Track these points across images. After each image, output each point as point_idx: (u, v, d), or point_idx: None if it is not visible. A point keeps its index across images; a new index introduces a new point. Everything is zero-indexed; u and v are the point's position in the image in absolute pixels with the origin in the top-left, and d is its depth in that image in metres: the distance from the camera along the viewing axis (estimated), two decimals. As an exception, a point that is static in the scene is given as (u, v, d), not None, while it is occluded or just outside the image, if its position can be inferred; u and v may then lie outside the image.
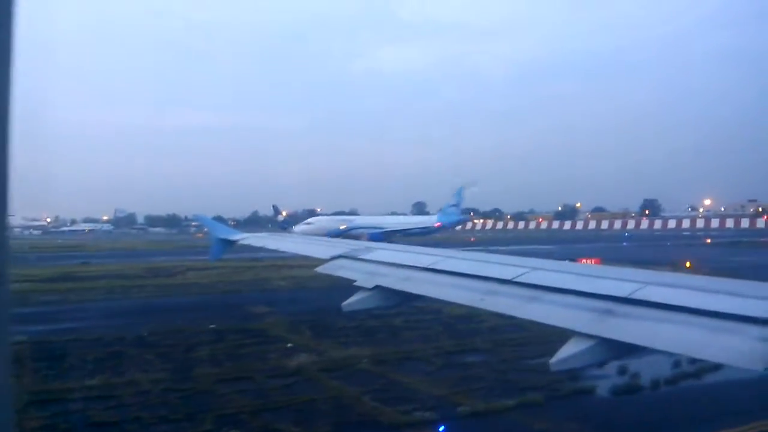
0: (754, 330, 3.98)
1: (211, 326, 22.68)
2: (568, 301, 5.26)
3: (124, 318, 24.88)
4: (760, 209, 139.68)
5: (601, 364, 5.15)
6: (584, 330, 4.78)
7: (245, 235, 15.54)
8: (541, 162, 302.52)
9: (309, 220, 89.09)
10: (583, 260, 31.71)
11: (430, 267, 6.96)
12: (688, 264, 35.22)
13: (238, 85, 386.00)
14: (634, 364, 15.69)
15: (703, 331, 4.33)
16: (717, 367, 14.42)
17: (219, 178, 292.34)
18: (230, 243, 15.15)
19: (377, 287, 6.92)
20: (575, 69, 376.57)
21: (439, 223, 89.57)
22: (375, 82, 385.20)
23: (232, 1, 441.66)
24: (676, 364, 15.75)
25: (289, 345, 19.80)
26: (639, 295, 4.90)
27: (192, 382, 15.83)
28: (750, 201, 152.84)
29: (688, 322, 4.45)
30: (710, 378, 15.36)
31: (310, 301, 28.34)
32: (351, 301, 7.02)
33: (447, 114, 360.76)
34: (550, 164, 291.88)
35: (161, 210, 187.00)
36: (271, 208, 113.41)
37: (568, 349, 4.73)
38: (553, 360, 4.72)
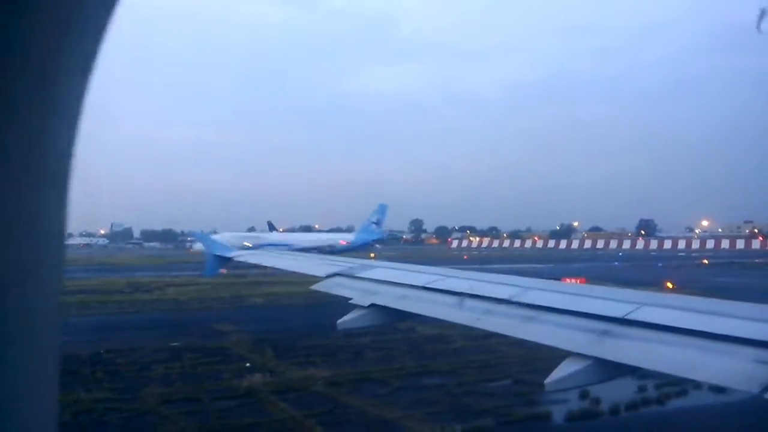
0: (750, 352, 3.93)
1: (173, 344, 21.88)
2: (564, 321, 5.24)
3: (87, 335, 23.80)
4: (756, 230, 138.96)
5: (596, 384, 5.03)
6: (580, 350, 4.73)
7: (241, 252, 15.89)
8: (539, 182, 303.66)
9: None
10: (568, 280, 30.55)
11: (427, 286, 6.96)
12: (669, 285, 34.37)
13: (236, 103, 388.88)
14: (597, 388, 14.75)
15: (699, 353, 4.27)
16: (682, 392, 14.94)
17: (216, 193, 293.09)
18: (226, 260, 15.22)
19: (373, 305, 6.93)
20: (568, 92, 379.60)
21: (344, 241, 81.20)
22: (368, 102, 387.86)
23: (231, 21, 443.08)
24: (641, 388, 15.28)
25: (247, 365, 19.17)
26: (635, 316, 4.86)
27: (137, 403, 15.14)
28: (746, 222, 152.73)
29: (684, 343, 4.40)
30: (673, 404, 14.94)
31: (284, 319, 27.83)
32: (346, 319, 7.05)
33: (442, 134, 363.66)
34: (548, 184, 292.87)
35: (157, 224, 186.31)
36: (266, 224, 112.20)
37: (563, 369, 4.69)
38: (548, 380, 4.69)
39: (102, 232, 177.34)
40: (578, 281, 30.82)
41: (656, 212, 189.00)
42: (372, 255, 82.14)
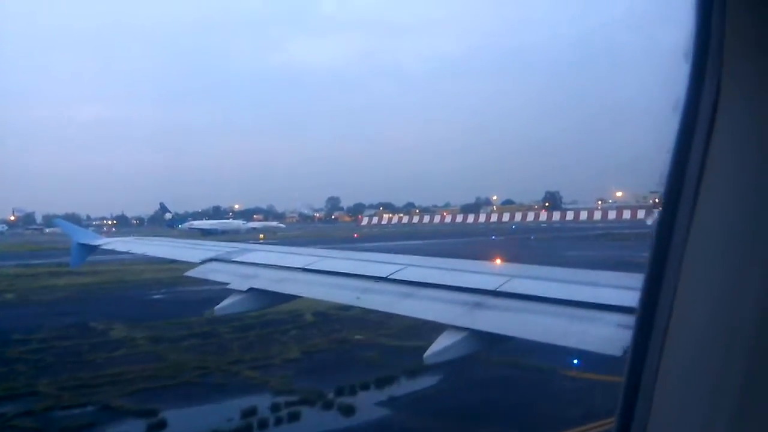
0: (613, 317, 4.23)
1: None
2: (440, 295, 5.54)
3: None
4: (657, 200, 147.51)
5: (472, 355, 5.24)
6: (455, 323, 4.99)
7: (109, 239, 15.02)
8: (463, 155, 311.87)
9: None
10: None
11: (307, 267, 7.17)
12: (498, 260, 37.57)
13: (148, 80, 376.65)
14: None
15: (566, 320, 4.59)
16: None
17: (125, 175, 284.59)
18: (92, 248, 14.50)
19: (251, 289, 7.04)
20: (490, 65, 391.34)
21: None
22: (293, 76, 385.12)
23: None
24: (248, 412, 14.31)
25: None
26: (506, 288, 5.22)
27: None
28: (652, 192, 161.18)
29: (553, 312, 4.74)
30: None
31: (20, 318, 26.88)
32: (224, 305, 7.08)
33: (367, 109, 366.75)
34: (471, 157, 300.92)
35: (61, 209, 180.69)
36: (159, 205, 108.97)
37: (441, 342, 4.91)
38: (427, 353, 4.90)
39: (12, 218, 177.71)
40: None
41: (571, 184, 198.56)
42: (261, 236, 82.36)
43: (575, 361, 15.38)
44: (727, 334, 1.58)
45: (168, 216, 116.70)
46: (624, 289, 4.62)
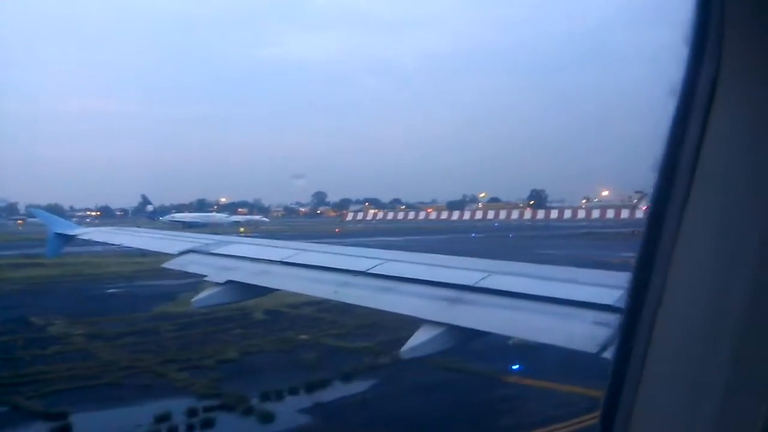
0: (590, 314, 4.24)
1: None
2: (419, 290, 5.55)
3: None
4: (641, 200, 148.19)
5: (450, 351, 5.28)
6: (434, 318, 5.00)
7: (86, 229, 14.84)
8: (449, 153, 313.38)
9: None
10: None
11: (286, 260, 7.16)
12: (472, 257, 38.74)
13: (139, 73, 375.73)
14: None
15: (543, 317, 4.61)
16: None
17: (110, 167, 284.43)
18: (69, 238, 14.35)
19: (229, 282, 7.01)
20: (479, 63, 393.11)
21: None
22: (284, 71, 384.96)
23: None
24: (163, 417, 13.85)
25: None
26: (485, 284, 5.22)
27: None
28: (636, 192, 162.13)
29: (530, 308, 4.75)
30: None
31: None
32: (201, 297, 7.11)
33: (355, 104, 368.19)
34: (457, 155, 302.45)
35: (45, 199, 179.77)
36: (141, 197, 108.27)
37: (418, 337, 4.91)
38: (404, 348, 4.90)
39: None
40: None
41: (558, 182, 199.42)
42: (242, 230, 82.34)
43: (515, 367, 15.63)
44: (714, 336, 1.55)
45: (149, 208, 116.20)
46: (601, 286, 4.64)
